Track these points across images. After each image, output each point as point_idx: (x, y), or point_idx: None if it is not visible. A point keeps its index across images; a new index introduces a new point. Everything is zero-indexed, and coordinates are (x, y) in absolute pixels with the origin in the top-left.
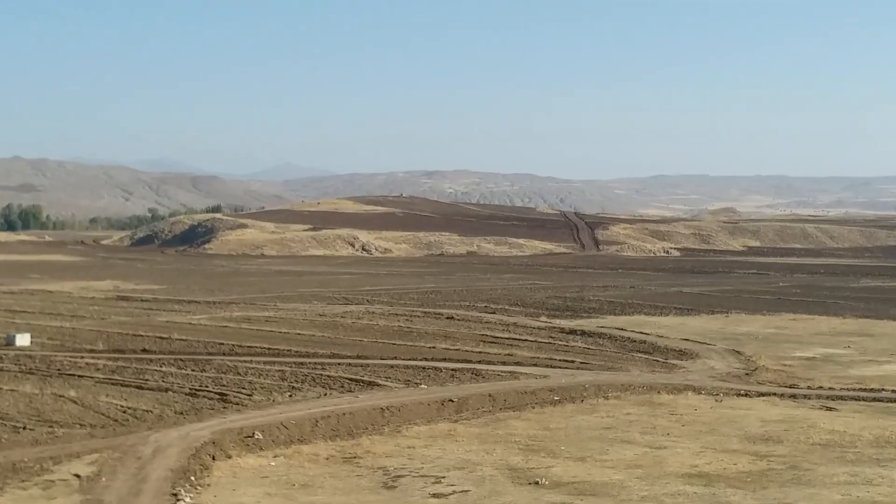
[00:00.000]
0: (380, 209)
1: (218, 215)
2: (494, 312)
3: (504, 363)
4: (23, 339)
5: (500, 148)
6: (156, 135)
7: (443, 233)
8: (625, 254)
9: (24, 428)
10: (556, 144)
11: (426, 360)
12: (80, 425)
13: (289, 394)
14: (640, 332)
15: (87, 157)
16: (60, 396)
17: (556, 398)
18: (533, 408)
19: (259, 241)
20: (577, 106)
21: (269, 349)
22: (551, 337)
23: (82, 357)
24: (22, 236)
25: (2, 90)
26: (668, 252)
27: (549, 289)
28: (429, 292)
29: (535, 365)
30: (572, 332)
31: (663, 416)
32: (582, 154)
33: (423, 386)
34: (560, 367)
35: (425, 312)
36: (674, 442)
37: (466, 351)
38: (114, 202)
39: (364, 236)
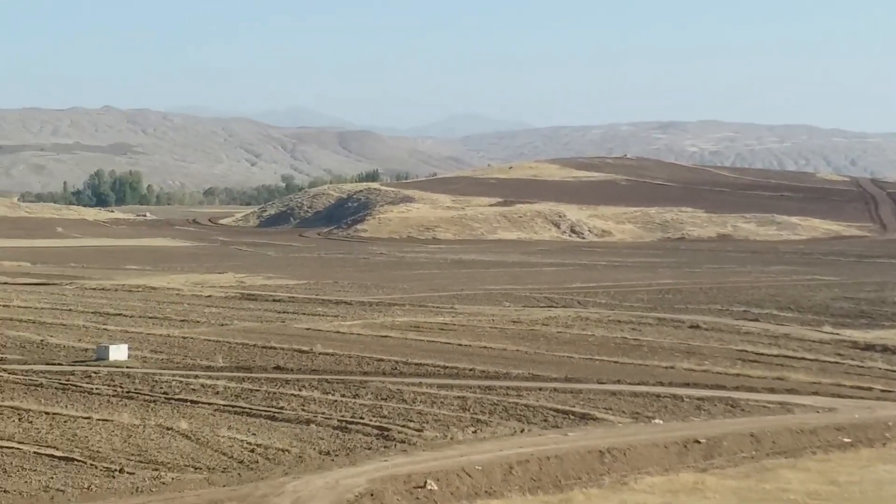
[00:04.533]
0: (595, 176)
1: (374, 185)
2: (757, 320)
3: (772, 390)
4: (118, 353)
5: (763, 89)
6: (287, 78)
7: (683, 208)
8: None
9: (121, 471)
10: (845, 83)
11: (661, 384)
12: (194, 468)
13: (472, 429)
14: None
15: (199, 108)
16: (168, 429)
17: (846, 440)
18: (813, 453)
19: (430, 221)
20: (875, 22)
21: (444, 368)
22: (839, 354)
23: (196, 377)
24: (116, 214)
25: (88, 24)
26: None
27: (836, 287)
28: (664, 291)
29: (816, 393)
30: (869, 347)
31: None
32: (884, 95)
33: (657, 421)
34: (852, 397)
35: (659, 319)
36: None
37: (718, 373)
38: (236, 167)
39: (573, 213)
